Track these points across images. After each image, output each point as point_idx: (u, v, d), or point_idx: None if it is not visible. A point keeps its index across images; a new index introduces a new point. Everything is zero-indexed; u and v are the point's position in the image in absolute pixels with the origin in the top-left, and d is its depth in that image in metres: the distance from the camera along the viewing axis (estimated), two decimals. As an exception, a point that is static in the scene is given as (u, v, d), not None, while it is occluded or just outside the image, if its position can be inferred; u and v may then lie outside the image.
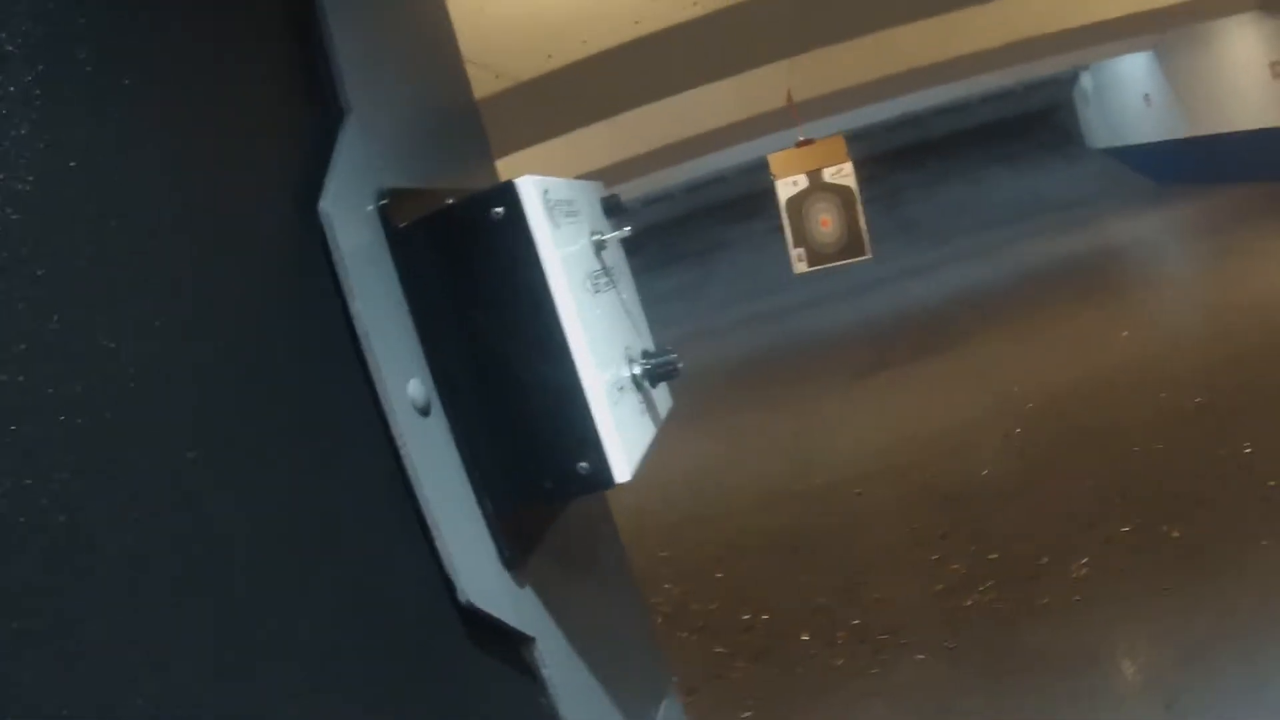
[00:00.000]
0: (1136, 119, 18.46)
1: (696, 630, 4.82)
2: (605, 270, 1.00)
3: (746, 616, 4.74)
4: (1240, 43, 14.41)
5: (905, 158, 20.07)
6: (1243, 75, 14.60)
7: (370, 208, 0.88)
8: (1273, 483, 4.66)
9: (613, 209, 1.06)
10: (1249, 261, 9.97)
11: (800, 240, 7.25)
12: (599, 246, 0.99)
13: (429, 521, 0.85)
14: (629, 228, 1.06)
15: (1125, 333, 8.31)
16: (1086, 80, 20.04)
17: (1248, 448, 5.17)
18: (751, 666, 4.42)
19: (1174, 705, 3.28)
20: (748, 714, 4.03)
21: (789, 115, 7.56)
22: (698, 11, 5.25)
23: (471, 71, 1.29)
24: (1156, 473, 5.28)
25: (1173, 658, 3.66)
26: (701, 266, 19.25)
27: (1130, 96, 18.44)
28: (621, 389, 0.94)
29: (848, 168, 7.28)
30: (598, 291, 0.96)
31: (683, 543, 6.11)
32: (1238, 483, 4.81)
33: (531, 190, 0.87)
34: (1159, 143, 17.87)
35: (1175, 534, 4.51)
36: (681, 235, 19.70)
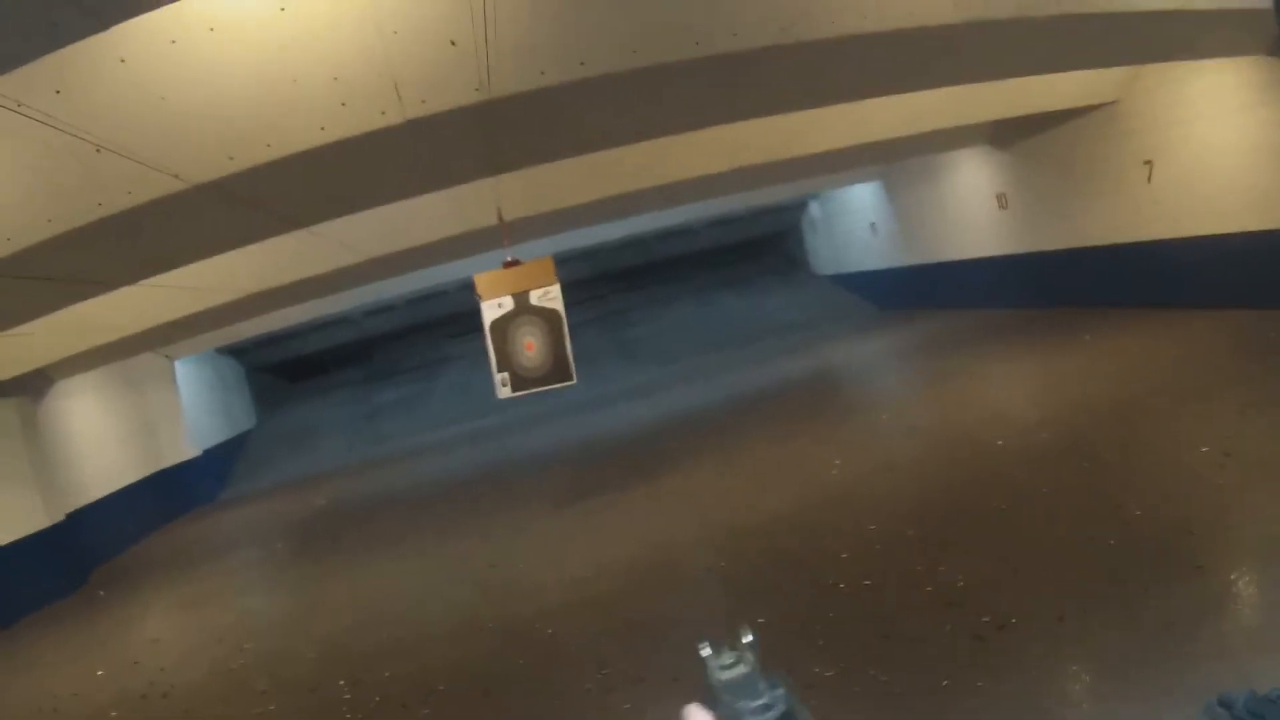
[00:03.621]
0: (862, 247, 19.57)
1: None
2: None
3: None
4: (968, 175, 15.38)
5: (630, 279, 20.53)
6: (968, 206, 15.59)
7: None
8: (986, 618, 4.52)
9: None
10: (965, 388, 10.44)
11: (504, 364, 7.15)
12: None
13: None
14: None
15: (838, 462, 8.40)
16: (815, 208, 21.16)
17: (960, 582, 5.10)
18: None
19: None
20: None
21: (500, 233, 7.48)
22: (386, 121, 5.04)
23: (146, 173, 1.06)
24: (862, 609, 5.12)
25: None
26: (423, 381, 18.89)
27: (856, 224, 19.57)
28: None
29: (555, 290, 7.24)
30: None
31: (371, 679, 5.70)
32: (949, 620, 4.66)
33: None
34: (883, 270, 19.00)
35: (883, 677, 4.29)
36: (404, 348, 19.43)
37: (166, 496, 13.99)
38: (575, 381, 7.29)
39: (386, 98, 4.72)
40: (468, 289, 7.93)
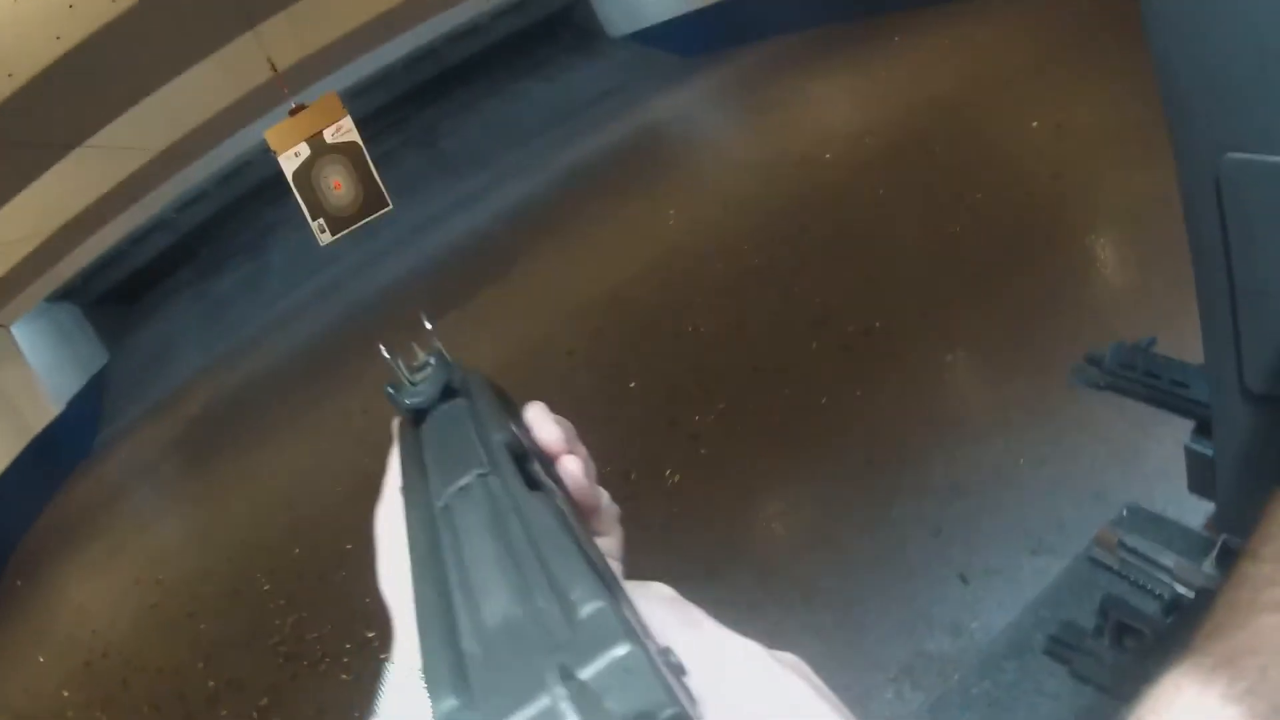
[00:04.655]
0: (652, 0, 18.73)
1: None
2: None
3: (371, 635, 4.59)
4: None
5: (430, 91, 19.73)
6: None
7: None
8: (851, 329, 4.73)
9: None
10: (784, 113, 10.41)
11: (317, 211, 7.03)
12: None
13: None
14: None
15: (673, 213, 8.47)
16: (594, -26, 20.18)
17: (818, 300, 5.28)
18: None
19: (812, 599, 3.24)
20: None
21: (279, 85, 7.21)
22: (120, 8, 4.75)
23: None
24: (729, 349, 5.30)
25: (803, 543, 3.61)
26: (255, 256, 18.22)
27: (640, -23, 18.65)
28: None
29: (347, 123, 7.04)
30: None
31: (284, 563, 5.90)
32: (815, 339, 4.85)
33: None
34: (677, 17, 18.27)
35: (763, 408, 4.50)
36: (227, 230, 18.66)
37: (47, 463, 13.54)
38: (392, 208, 7.22)
39: (112, -16, 4.47)
40: (268, 150, 7.70)
